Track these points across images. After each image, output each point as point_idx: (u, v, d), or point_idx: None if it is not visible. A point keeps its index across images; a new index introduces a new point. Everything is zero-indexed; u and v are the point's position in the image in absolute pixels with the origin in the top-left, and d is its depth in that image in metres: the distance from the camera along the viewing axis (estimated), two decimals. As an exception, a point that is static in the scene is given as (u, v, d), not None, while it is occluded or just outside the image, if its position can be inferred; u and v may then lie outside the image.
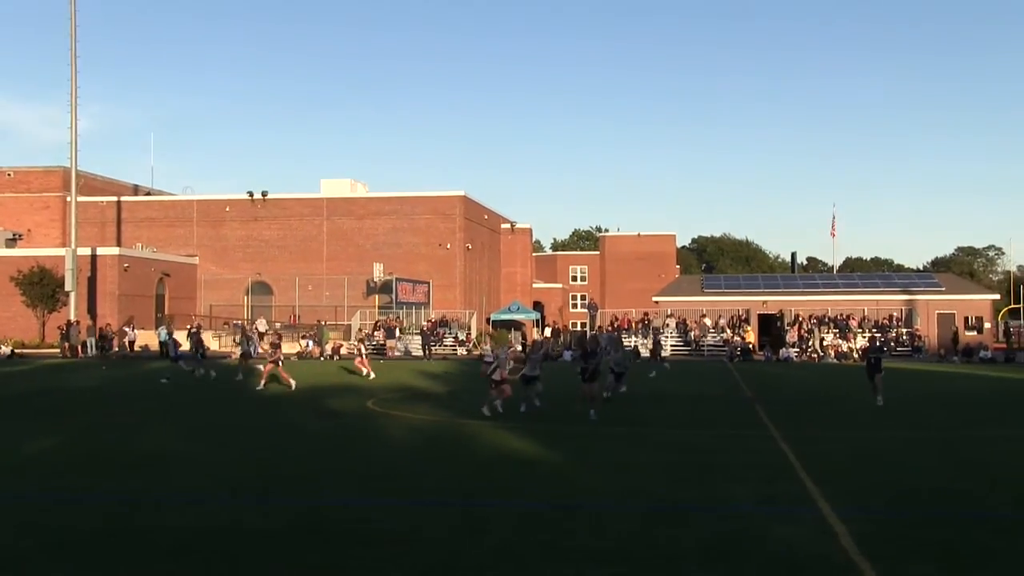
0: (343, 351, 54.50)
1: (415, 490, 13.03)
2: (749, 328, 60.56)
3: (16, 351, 52.95)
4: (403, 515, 11.28)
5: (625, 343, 35.06)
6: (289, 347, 58.08)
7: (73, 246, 57.38)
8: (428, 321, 63.43)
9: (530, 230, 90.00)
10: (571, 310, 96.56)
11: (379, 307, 66.88)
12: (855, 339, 57.01)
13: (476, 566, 8.89)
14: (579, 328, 77.03)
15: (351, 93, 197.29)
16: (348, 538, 9.96)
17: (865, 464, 15.27)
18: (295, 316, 67.46)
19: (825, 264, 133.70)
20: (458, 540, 9.93)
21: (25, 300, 58.50)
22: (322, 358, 52.55)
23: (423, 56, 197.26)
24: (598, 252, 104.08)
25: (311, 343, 55.45)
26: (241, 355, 36.11)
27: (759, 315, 63.87)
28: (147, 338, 56.81)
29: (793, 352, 55.67)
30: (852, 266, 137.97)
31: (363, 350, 38.98)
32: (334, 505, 12.00)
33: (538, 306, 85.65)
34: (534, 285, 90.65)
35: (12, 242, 67.39)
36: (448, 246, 70.87)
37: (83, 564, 9.06)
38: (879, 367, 25.91)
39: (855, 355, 53.39)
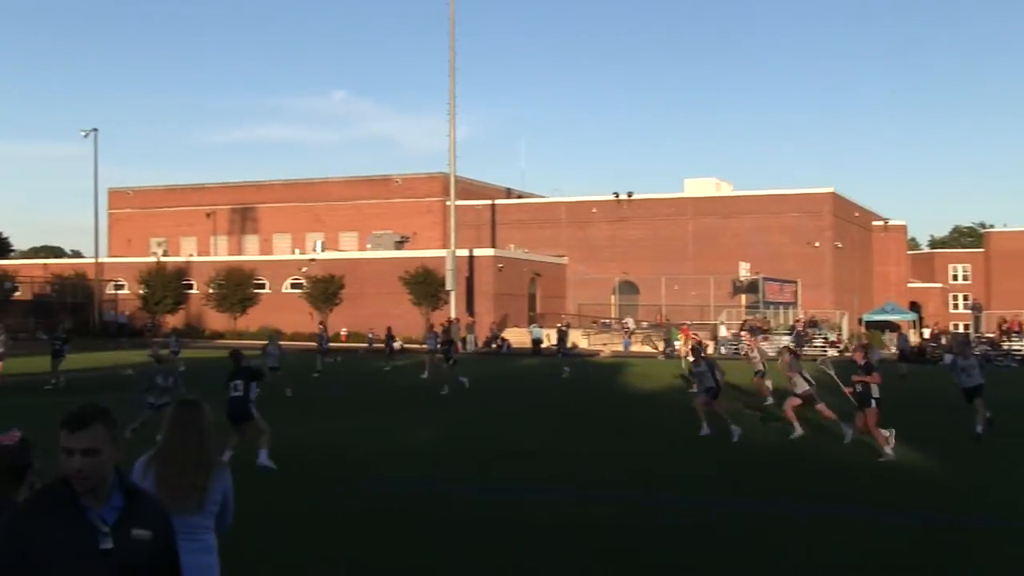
0: (709, 350, 54.40)
1: (768, 491, 12.84)
2: None
3: (404, 346, 56.96)
4: (749, 518, 11.16)
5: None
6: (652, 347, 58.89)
7: (452, 247, 60.82)
8: (797, 321, 61.97)
9: (904, 227, 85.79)
10: (951, 311, 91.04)
11: (746, 306, 66.10)
12: None
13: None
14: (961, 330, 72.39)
15: (712, 93, 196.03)
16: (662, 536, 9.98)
17: None
18: (662, 316, 67.97)
19: None
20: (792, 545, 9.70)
21: (412, 298, 62.95)
22: (680, 358, 52.62)
23: (783, 52, 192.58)
24: (982, 250, 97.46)
25: (677, 342, 55.78)
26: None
27: None
28: (519, 336, 59.34)
29: None
30: None
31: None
32: (680, 507, 12.04)
33: (914, 307, 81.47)
34: (909, 285, 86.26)
35: (400, 244, 72.30)
36: (816, 244, 68.91)
37: (448, 548, 9.62)
38: (979, 389, 18.40)
39: None
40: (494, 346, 58.07)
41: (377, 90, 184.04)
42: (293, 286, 68.96)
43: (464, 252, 64.01)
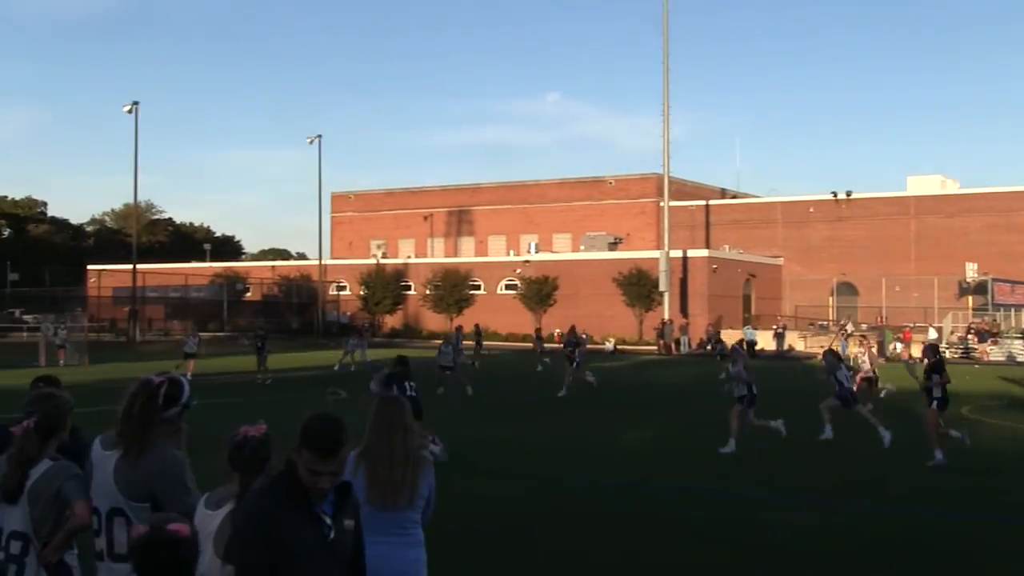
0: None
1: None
2: None
3: (618, 347, 57.26)
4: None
5: None
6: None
7: (666, 249, 60.67)
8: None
9: None
10: None
11: (973, 309, 63.27)
12: None
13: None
14: None
15: (938, 87, 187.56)
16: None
17: None
18: (882, 318, 65.82)
19: None
20: None
21: (625, 300, 63.15)
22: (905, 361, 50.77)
23: (1010, 43, 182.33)
24: None
25: (898, 345, 53.95)
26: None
27: None
28: (733, 338, 58.57)
29: None
30: None
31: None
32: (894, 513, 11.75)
33: None
34: None
35: (613, 245, 72.55)
36: (1054, 243, 65.36)
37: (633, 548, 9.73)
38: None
39: None
40: (708, 348, 57.39)
41: (590, 91, 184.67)
42: (507, 287, 70.19)
43: (678, 253, 63.66)
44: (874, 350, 28.69)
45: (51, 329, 42.31)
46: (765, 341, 56.64)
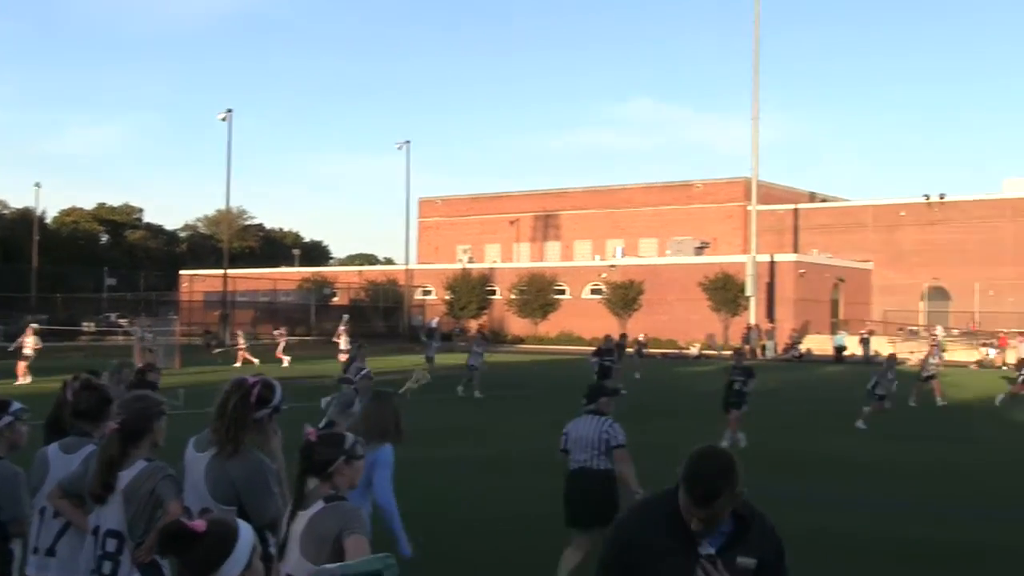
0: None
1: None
2: None
3: (703, 352, 57.03)
4: None
5: None
6: (967, 355, 55.83)
7: (753, 253, 60.20)
8: None
9: None
10: None
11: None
12: None
13: None
14: None
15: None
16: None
17: None
18: (974, 323, 64.47)
19: None
20: None
21: (711, 305, 62.83)
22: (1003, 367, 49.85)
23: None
24: None
25: (991, 351, 53.11)
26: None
27: None
28: (820, 343, 58.06)
29: None
30: None
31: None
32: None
33: None
34: None
35: (700, 250, 72.13)
36: None
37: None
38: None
39: None
40: (795, 354, 56.86)
41: (680, 95, 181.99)
42: (593, 292, 70.23)
43: (765, 257, 63.19)
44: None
45: (139, 332, 42.58)
46: (852, 346, 55.89)
